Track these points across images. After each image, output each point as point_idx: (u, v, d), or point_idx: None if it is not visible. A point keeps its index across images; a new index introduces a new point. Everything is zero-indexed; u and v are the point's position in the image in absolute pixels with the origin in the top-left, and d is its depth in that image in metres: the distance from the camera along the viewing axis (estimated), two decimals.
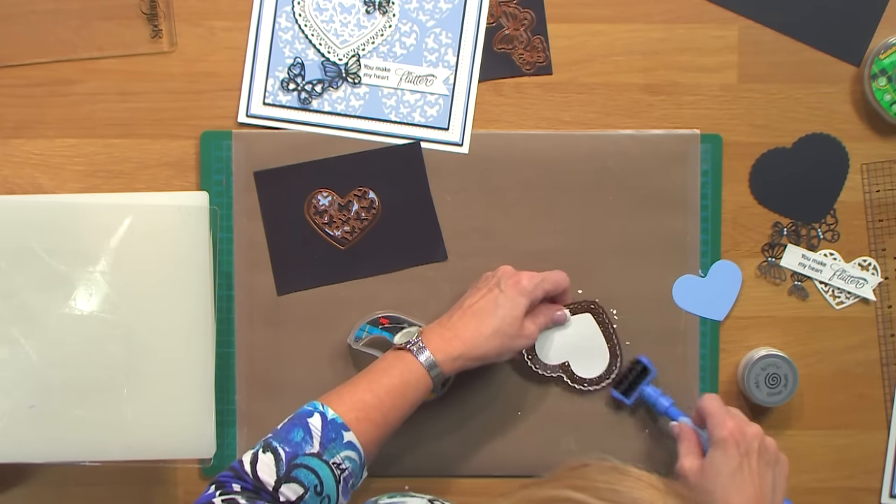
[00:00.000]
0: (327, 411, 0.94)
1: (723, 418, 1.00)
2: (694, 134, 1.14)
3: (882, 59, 1.13)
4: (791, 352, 1.15)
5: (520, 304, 1.03)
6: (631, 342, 1.15)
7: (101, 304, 1.06)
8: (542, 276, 1.06)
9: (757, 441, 0.99)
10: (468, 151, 1.13)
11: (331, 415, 0.94)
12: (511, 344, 1.03)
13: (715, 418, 1.01)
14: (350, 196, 1.13)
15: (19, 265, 1.05)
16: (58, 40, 1.12)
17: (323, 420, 0.94)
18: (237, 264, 1.13)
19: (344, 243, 1.13)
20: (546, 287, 1.06)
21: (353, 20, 1.12)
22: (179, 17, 1.12)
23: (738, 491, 0.96)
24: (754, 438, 0.99)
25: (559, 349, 1.13)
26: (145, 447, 1.07)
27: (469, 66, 1.13)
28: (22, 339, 1.05)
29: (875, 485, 1.18)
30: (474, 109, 1.13)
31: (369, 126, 1.13)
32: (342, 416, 0.94)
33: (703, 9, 1.14)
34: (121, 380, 1.06)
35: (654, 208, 1.14)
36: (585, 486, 0.69)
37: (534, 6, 1.13)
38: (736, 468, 0.97)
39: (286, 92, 1.12)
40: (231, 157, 1.13)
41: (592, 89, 1.14)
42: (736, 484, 0.96)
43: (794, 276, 1.16)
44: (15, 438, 1.05)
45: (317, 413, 0.95)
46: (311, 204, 1.13)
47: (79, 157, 1.13)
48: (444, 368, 1.00)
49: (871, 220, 1.16)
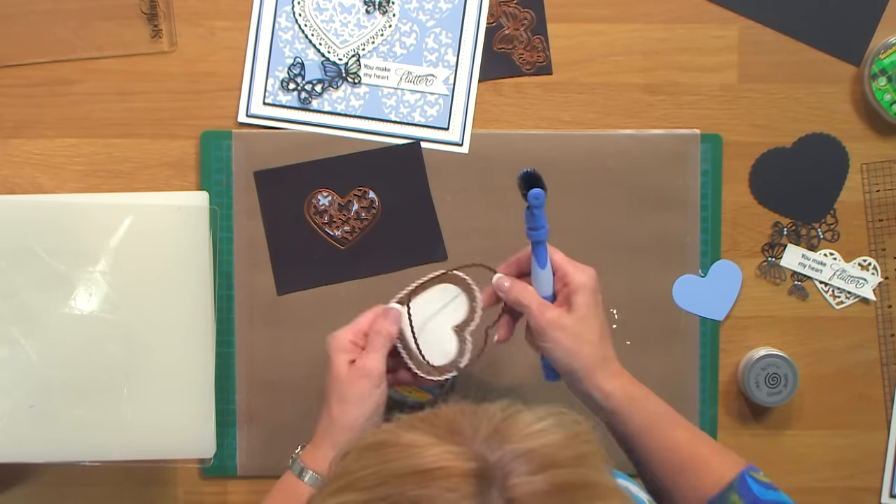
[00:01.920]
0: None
1: (578, 265, 0.96)
2: (694, 134, 1.14)
3: (882, 59, 1.13)
4: (791, 352, 1.15)
5: (336, 362, 0.94)
6: (631, 342, 1.15)
7: (101, 304, 1.06)
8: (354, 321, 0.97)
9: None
10: (468, 151, 1.13)
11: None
12: (364, 395, 0.93)
13: (569, 265, 0.96)
14: (350, 196, 1.13)
15: (19, 265, 1.05)
16: (57, 40, 1.12)
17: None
18: (237, 264, 1.13)
19: (344, 243, 1.14)
20: (355, 328, 0.96)
21: (353, 20, 1.12)
22: (179, 17, 1.12)
23: (603, 328, 0.94)
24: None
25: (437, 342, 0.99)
26: (145, 447, 1.07)
27: (469, 66, 1.13)
28: (22, 339, 1.05)
29: (875, 485, 1.18)
30: (474, 109, 1.13)
31: (369, 126, 1.13)
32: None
33: (703, 9, 1.14)
34: (121, 380, 1.06)
35: (654, 208, 1.14)
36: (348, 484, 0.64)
37: (534, 6, 1.13)
38: (599, 306, 0.95)
39: (286, 92, 1.12)
40: (231, 157, 1.13)
41: (592, 89, 1.14)
42: (602, 321, 0.95)
43: (794, 276, 1.16)
44: (15, 438, 1.05)
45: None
46: (311, 204, 1.13)
47: (79, 157, 1.13)
48: (324, 476, 0.92)
49: (871, 220, 1.16)
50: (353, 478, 0.64)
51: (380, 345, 0.95)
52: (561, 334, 0.92)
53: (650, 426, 0.93)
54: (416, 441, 0.64)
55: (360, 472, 0.64)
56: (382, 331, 0.95)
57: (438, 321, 0.99)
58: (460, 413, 0.67)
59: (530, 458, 0.63)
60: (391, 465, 0.63)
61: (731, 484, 0.90)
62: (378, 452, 0.65)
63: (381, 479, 0.63)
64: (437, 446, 0.63)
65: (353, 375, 0.93)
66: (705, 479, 0.91)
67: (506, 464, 0.62)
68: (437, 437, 0.64)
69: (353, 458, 0.66)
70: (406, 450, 0.64)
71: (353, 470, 0.65)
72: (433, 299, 0.99)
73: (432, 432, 0.65)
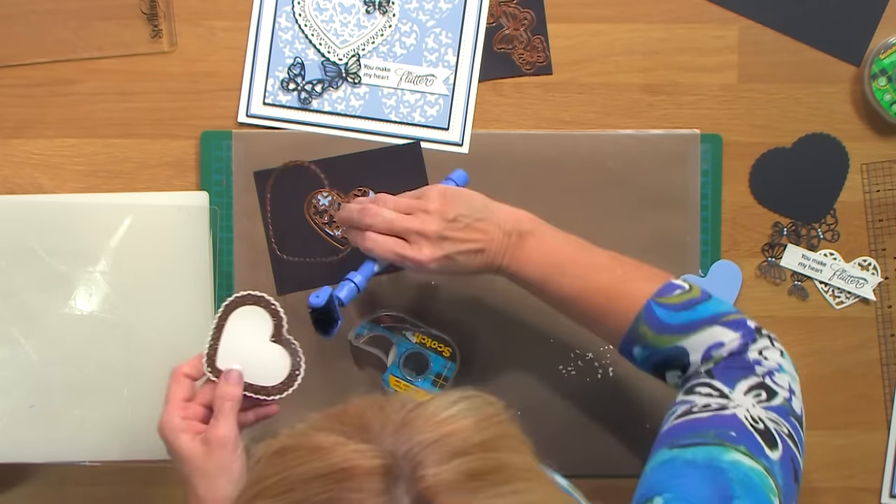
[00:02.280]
0: None
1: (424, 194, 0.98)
2: (694, 134, 1.14)
3: (882, 59, 1.13)
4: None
5: (182, 444, 0.91)
6: None
7: (101, 304, 1.06)
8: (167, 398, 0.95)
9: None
10: (468, 151, 1.13)
11: None
12: (225, 464, 0.90)
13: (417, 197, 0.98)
14: (350, 196, 1.13)
15: (19, 265, 1.05)
16: (57, 40, 1.12)
17: None
18: (237, 264, 1.13)
19: (344, 243, 1.13)
20: (175, 404, 0.93)
21: (353, 20, 1.12)
22: (179, 17, 1.12)
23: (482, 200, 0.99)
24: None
25: (267, 361, 0.97)
26: (145, 447, 1.07)
27: (469, 66, 1.13)
28: (22, 338, 1.05)
29: (875, 485, 1.18)
30: (474, 109, 1.13)
31: (369, 126, 1.13)
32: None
33: (703, 9, 1.14)
34: (121, 380, 1.06)
35: (654, 208, 1.14)
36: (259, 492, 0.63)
37: (534, 6, 1.13)
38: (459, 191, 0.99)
39: (286, 92, 1.12)
40: (231, 157, 1.12)
41: (592, 89, 1.14)
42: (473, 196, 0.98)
43: (794, 276, 1.16)
44: (15, 438, 1.05)
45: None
46: (311, 204, 1.13)
47: (79, 157, 1.13)
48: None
49: (871, 220, 1.16)
50: (263, 486, 0.63)
51: (228, 410, 0.92)
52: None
53: (573, 293, 0.94)
54: (322, 442, 0.62)
55: (269, 479, 0.63)
56: (227, 396, 0.93)
57: (254, 344, 0.97)
58: (369, 407, 0.65)
59: (439, 446, 0.61)
60: (298, 469, 0.62)
61: (638, 316, 0.90)
62: (286, 457, 0.63)
63: (289, 485, 0.61)
64: (344, 446, 0.62)
65: (207, 450, 0.90)
66: (622, 318, 0.92)
67: (414, 455, 0.61)
68: (345, 435, 0.63)
69: (263, 465, 0.64)
70: (313, 452, 0.62)
71: (263, 477, 0.63)
72: (235, 329, 0.97)
73: (341, 430, 0.63)
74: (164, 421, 0.93)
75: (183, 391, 0.94)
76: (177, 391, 0.94)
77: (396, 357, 1.12)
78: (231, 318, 0.97)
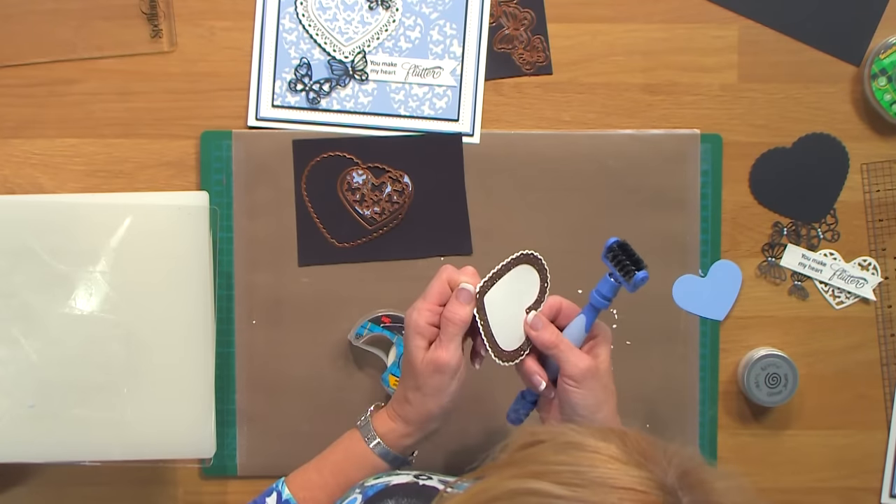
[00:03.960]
0: (283, 490, 0.96)
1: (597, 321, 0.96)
2: (694, 134, 1.14)
3: (882, 59, 1.13)
4: (791, 352, 1.15)
5: (412, 348, 0.91)
6: (631, 342, 1.15)
7: (101, 304, 1.06)
8: (425, 293, 0.93)
9: None
10: (479, 141, 1.13)
11: (285, 495, 0.96)
12: (440, 388, 0.91)
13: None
14: (384, 178, 1.13)
15: (19, 265, 1.05)
16: (58, 40, 1.12)
17: (278, 499, 0.96)
18: (237, 264, 1.13)
19: (372, 223, 1.13)
20: (430, 304, 0.92)
21: (357, 17, 1.12)
22: (179, 17, 1.12)
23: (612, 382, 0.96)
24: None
25: (512, 324, 0.95)
26: (145, 447, 1.07)
27: (475, 56, 1.13)
28: (22, 339, 1.05)
29: (875, 485, 1.18)
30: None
31: (379, 122, 1.13)
32: (294, 494, 0.95)
33: (703, 9, 1.14)
34: (121, 380, 1.06)
35: (654, 208, 1.14)
36: (544, 472, 0.65)
37: (534, 6, 1.13)
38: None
39: (294, 93, 1.12)
40: (231, 156, 1.12)
41: (592, 89, 1.14)
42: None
43: (794, 275, 1.16)
44: (15, 438, 1.05)
45: (275, 492, 0.97)
46: (345, 180, 1.13)
47: (79, 157, 1.13)
48: (392, 448, 0.94)
49: (871, 220, 1.16)
50: (549, 469, 0.65)
51: (453, 334, 0.90)
52: (596, 384, 0.91)
53: None
54: (614, 455, 0.65)
55: (556, 465, 0.65)
56: (455, 318, 0.90)
57: (513, 302, 0.95)
58: (648, 442, 0.68)
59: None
60: (592, 471, 0.64)
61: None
62: (578, 453, 0.66)
63: (583, 480, 0.64)
64: (636, 468, 0.64)
65: (428, 368, 0.90)
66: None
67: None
68: (629, 456, 0.66)
69: (551, 450, 0.67)
70: (608, 462, 0.65)
71: (549, 462, 0.66)
72: (507, 281, 0.95)
73: (625, 450, 0.66)
74: (412, 315, 0.92)
75: (442, 293, 0.92)
76: (435, 289, 0.92)
77: (396, 357, 1.12)
78: (515, 270, 0.95)
